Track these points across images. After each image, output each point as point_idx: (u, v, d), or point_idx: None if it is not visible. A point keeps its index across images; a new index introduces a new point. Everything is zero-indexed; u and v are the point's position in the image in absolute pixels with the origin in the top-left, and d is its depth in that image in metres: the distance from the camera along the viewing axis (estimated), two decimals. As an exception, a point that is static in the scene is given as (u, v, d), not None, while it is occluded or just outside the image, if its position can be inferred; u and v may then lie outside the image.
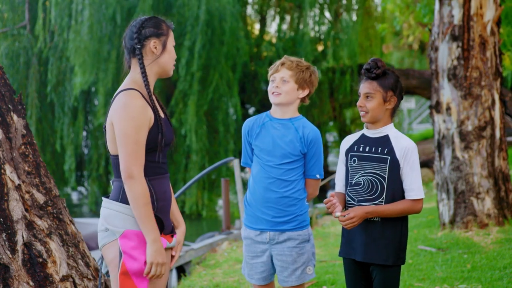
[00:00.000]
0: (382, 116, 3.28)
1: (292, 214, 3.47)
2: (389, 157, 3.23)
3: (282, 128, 3.50)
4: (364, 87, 3.28)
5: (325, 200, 3.21)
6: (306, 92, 3.51)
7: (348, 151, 3.36)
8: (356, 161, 3.30)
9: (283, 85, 3.47)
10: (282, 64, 3.50)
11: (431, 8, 10.31)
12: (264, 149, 3.49)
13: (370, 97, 3.26)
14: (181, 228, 3.12)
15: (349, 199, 3.32)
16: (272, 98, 3.49)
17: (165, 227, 2.97)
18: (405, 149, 3.22)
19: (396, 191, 3.23)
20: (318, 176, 3.52)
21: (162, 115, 2.99)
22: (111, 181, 3.03)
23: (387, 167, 3.22)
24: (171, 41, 3.02)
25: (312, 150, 3.48)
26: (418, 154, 3.29)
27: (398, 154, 3.22)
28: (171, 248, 3.03)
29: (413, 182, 3.21)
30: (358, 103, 3.30)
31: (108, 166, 16.92)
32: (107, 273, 3.32)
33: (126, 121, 2.82)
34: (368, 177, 3.26)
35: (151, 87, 2.97)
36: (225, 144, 16.71)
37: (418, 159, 3.25)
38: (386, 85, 3.25)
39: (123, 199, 2.89)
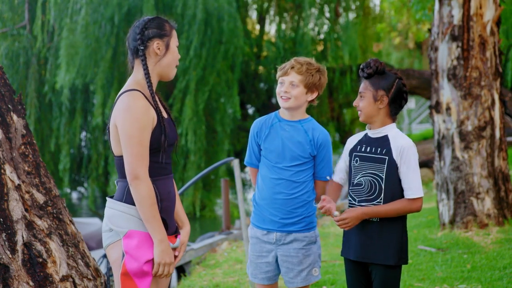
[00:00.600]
0: (375, 115, 3.28)
1: (299, 215, 3.46)
2: (387, 158, 3.23)
3: (292, 130, 3.47)
4: (360, 86, 3.33)
5: (318, 206, 3.22)
6: (315, 95, 3.49)
7: (351, 151, 3.37)
8: (358, 161, 3.31)
9: (292, 90, 3.43)
10: (292, 67, 3.45)
11: (424, 6, 10.32)
12: (274, 151, 3.47)
13: (362, 96, 3.29)
14: (185, 229, 3.13)
15: (350, 199, 3.33)
16: (281, 102, 3.46)
17: (168, 228, 2.97)
18: (401, 148, 3.22)
19: (395, 192, 3.23)
20: (328, 178, 3.50)
21: (165, 115, 2.99)
22: (115, 181, 3.03)
23: (385, 167, 3.22)
24: (174, 42, 3.01)
25: (322, 153, 3.47)
26: (418, 154, 3.28)
27: (394, 154, 3.22)
28: (175, 249, 3.03)
29: (410, 181, 3.21)
30: (354, 102, 3.34)
31: (108, 166, 16.89)
32: (110, 270, 3.32)
33: (130, 123, 2.82)
34: (368, 177, 3.26)
35: (154, 88, 2.97)
36: (224, 144, 16.67)
37: (416, 158, 3.24)
38: (377, 84, 3.26)
39: (127, 200, 2.90)
